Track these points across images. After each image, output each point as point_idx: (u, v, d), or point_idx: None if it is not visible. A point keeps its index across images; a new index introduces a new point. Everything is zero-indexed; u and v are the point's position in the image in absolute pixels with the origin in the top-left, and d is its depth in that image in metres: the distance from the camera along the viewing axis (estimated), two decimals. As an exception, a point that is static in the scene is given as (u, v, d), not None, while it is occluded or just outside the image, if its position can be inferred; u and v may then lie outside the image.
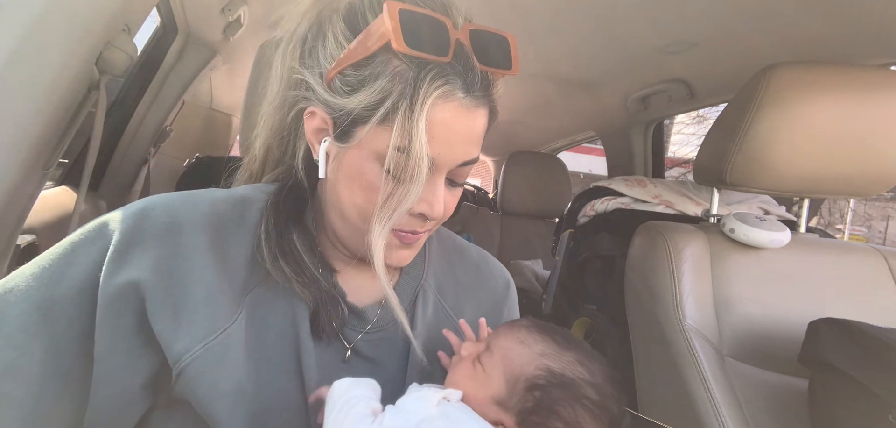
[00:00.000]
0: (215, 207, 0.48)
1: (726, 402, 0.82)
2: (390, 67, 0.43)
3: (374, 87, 0.43)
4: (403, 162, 0.43)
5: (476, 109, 0.46)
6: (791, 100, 0.85)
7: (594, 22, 1.17)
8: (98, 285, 0.41)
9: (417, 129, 0.42)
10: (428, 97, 0.42)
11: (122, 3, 0.65)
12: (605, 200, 1.33)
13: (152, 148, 1.55)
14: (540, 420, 0.43)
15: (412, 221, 0.48)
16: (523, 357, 0.46)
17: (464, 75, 0.44)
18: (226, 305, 0.44)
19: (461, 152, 0.46)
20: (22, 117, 0.59)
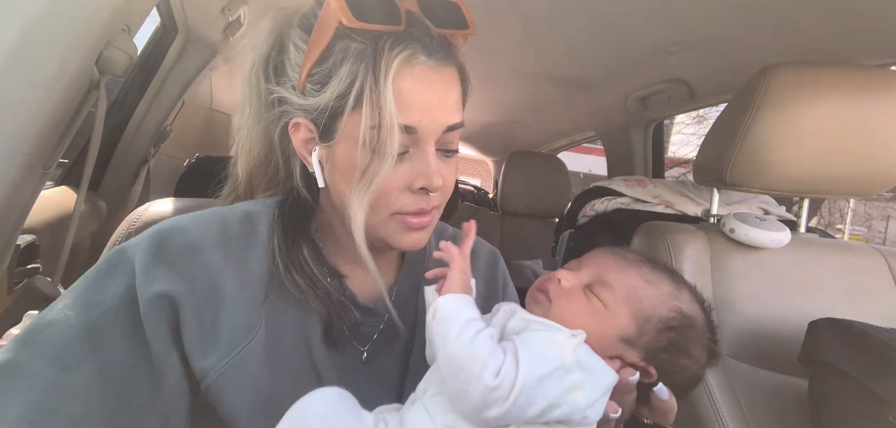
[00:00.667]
0: (225, 226, 0.49)
1: (726, 402, 0.82)
2: (350, 52, 0.44)
3: (339, 74, 0.44)
4: (376, 136, 0.43)
5: (443, 69, 0.47)
6: (791, 100, 0.85)
7: (594, 22, 1.17)
8: (134, 302, 0.42)
9: (385, 99, 0.42)
10: (390, 66, 0.43)
11: (122, 3, 0.65)
12: (605, 200, 1.33)
13: (152, 148, 1.55)
14: (670, 358, 0.45)
15: (415, 199, 0.48)
16: (654, 297, 0.46)
17: (421, 39, 0.45)
18: (247, 320, 0.45)
19: (441, 116, 0.47)
20: (22, 117, 0.59)
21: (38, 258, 0.95)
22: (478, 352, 0.39)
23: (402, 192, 0.47)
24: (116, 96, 1.37)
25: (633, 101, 1.66)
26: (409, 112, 0.44)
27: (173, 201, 0.87)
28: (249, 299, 0.46)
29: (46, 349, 0.40)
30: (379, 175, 0.45)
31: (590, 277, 0.48)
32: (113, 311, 0.42)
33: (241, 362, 0.44)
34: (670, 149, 7.08)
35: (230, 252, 0.47)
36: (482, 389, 0.38)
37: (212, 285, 0.45)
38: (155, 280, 0.43)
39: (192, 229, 0.47)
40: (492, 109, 2.20)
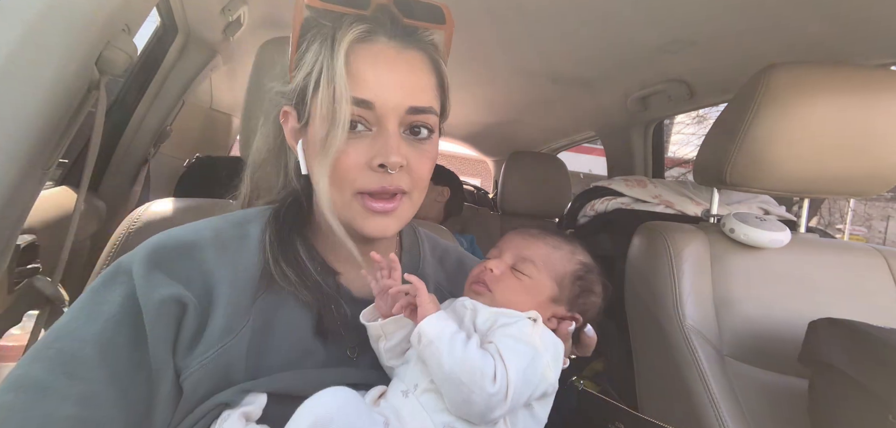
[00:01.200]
0: (217, 230, 0.52)
1: (726, 402, 0.82)
2: (318, 35, 0.48)
3: (308, 56, 0.48)
4: (331, 106, 0.46)
5: (405, 51, 0.49)
6: (791, 100, 0.85)
7: (594, 21, 1.17)
8: (134, 310, 0.44)
9: (336, 71, 0.45)
10: (343, 40, 0.46)
11: (122, 3, 0.65)
12: (605, 200, 1.33)
13: (152, 148, 1.55)
14: (584, 300, 0.55)
15: (375, 177, 0.49)
16: (562, 259, 0.55)
17: (386, 25, 0.48)
18: (229, 322, 0.47)
19: (402, 95, 0.48)
20: (22, 117, 0.59)
21: (38, 258, 0.95)
22: (473, 364, 0.42)
23: (362, 169, 0.48)
24: (116, 96, 1.37)
25: (633, 101, 1.66)
26: (364, 87, 0.47)
27: (173, 201, 0.87)
28: (237, 301, 0.48)
29: (59, 363, 0.41)
30: (333, 144, 0.46)
31: (512, 258, 0.55)
32: (115, 320, 0.43)
33: (215, 362, 0.45)
34: (670, 149, 7.07)
35: (223, 253, 0.49)
36: (485, 397, 0.42)
37: (207, 286, 0.47)
38: (157, 285, 0.44)
39: (185, 234, 0.50)
40: (492, 109, 2.20)
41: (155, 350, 0.44)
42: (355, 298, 0.55)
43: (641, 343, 1.01)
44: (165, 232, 0.50)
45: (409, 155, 0.50)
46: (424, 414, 0.44)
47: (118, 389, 0.42)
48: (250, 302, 0.49)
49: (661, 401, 0.93)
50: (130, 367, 0.43)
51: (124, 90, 1.38)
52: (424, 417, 0.44)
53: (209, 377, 0.45)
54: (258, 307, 0.49)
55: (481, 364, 0.42)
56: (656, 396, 0.95)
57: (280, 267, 0.50)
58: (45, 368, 0.41)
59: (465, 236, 1.94)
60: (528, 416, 0.47)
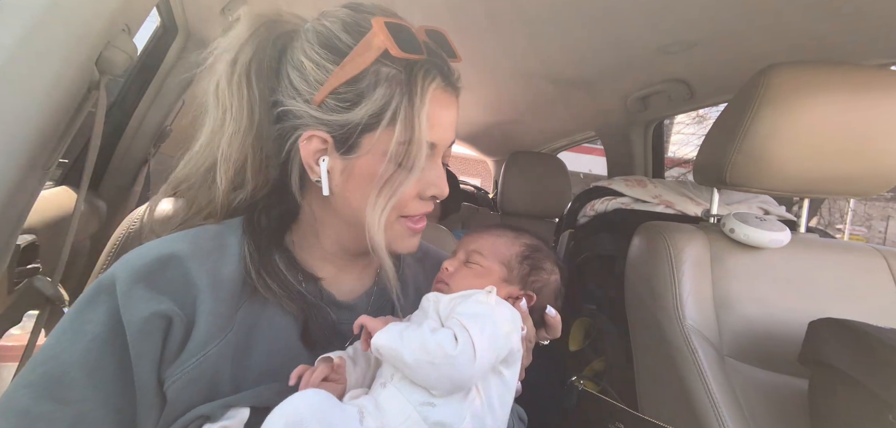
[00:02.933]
0: (194, 240, 0.51)
1: (726, 402, 0.82)
2: (383, 76, 0.48)
3: (374, 96, 0.48)
4: (404, 151, 0.48)
5: (455, 94, 0.53)
6: (791, 100, 0.85)
7: (594, 22, 1.17)
8: (118, 328, 0.44)
9: (420, 119, 0.48)
10: (426, 92, 0.48)
11: (122, 3, 0.65)
12: (605, 200, 1.33)
13: (152, 148, 1.55)
14: (535, 278, 0.59)
15: (422, 205, 0.54)
16: (505, 245, 0.60)
17: (441, 67, 0.51)
18: (208, 332, 0.47)
19: (451, 134, 0.54)
20: (22, 117, 0.59)
21: (38, 258, 0.95)
22: (429, 342, 0.45)
23: (415, 200, 0.53)
24: (116, 96, 1.36)
25: (633, 101, 1.66)
26: (433, 130, 0.50)
27: (173, 201, 0.87)
28: (218, 310, 0.48)
29: (44, 388, 0.42)
30: (404, 185, 0.49)
31: (464, 255, 0.60)
32: (101, 339, 0.44)
33: (197, 370, 0.46)
34: (670, 149, 7.07)
35: (203, 263, 0.49)
36: (453, 363, 0.44)
37: (191, 296, 0.47)
38: (140, 302, 0.45)
39: (163, 247, 0.49)
40: (492, 109, 2.20)
41: (138, 367, 0.44)
42: (339, 302, 0.56)
43: (641, 343, 1.01)
44: (143, 246, 0.50)
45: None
46: (401, 397, 0.45)
47: (108, 408, 0.43)
48: (233, 310, 0.49)
49: (661, 401, 0.93)
50: (118, 384, 0.44)
51: (124, 90, 1.37)
52: (401, 399, 0.45)
53: (192, 385, 0.45)
54: (242, 315, 0.50)
55: (439, 338, 0.45)
56: (656, 396, 0.95)
57: (262, 278, 0.51)
58: (30, 394, 0.41)
59: (465, 236, 1.94)
60: (499, 383, 0.49)
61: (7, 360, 1.03)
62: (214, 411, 0.45)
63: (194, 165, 0.56)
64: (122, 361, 0.44)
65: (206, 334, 0.47)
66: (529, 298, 0.58)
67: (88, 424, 0.42)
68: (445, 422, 0.44)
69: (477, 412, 0.46)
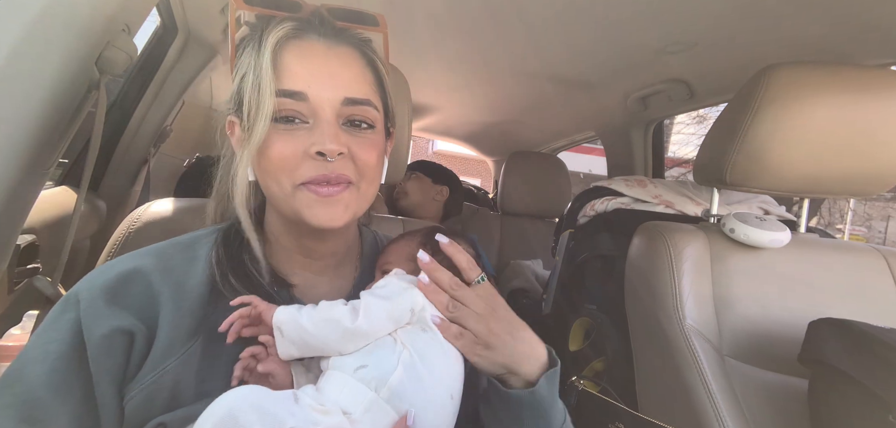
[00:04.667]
0: (163, 255, 0.52)
1: (726, 402, 0.82)
2: (252, 42, 0.50)
3: (242, 61, 0.50)
4: (257, 97, 0.48)
5: (336, 47, 0.52)
6: (791, 100, 0.85)
7: (594, 22, 1.17)
8: (81, 343, 0.45)
9: (262, 62, 0.48)
10: (268, 36, 0.48)
11: (122, 3, 0.65)
12: (605, 200, 1.33)
13: (152, 148, 1.55)
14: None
15: (315, 165, 0.50)
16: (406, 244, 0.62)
17: (316, 25, 0.51)
18: (168, 346, 0.48)
19: (335, 87, 0.50)
20: (22, 117, 0.59)
21: (38, 258, 0.95)
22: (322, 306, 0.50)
23: (300, 158, 0.50)
24: (116, 96, 1.37)
25: (633, 101, 1.66)
26: (295, 79, 0.49)
27: (173, 201, 0.87)
28: (181, 323, 0.49)
29: (15, 411, 0.42)
30: (258, 132, 0.48)
31: (379, 272, 0.61)
32: (64, 357, 0.44)
33: (156, 384, 0.46)
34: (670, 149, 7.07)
35: (167, 276, 0.50)
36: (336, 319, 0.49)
37: (154, 311, 0.48)
38: (101, 318, 0.45)
39: (126, 263, 0.50)
40: (492, 109, 2.20)
41: (100, 384, 0.45)
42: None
43: (641, 343, 1.01)
44: (108, 263, 0.51)
45: (349, 143, 0.51)
46: (338, 373, 0.48)
47: (78, 424, 0.44)
48: (199, 319, 0.50)
49: (661, 401, 0.93)
50: (84, 402, 0.45)
51: (124, 90, 1.38)
52: (338, 374, 0.47)
53: (150, 400, 0.45)
54: (210, 324, 0.50)
55: (330, 304, 0.50)
56: (656, 396, 0.95)
57: (229, 282, 0.51)
58: (4, 418, 0.42)
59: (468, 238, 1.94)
60: (425, 338, 0.51)
61: (7, 360, 1.03)
62: (173, 421, 0.44)
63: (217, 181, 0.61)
64: (87, 377, 0.45)
65: (166, 347, 0.47)
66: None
67: None
68: (380, 376, 0.47)
69: (407, 362, 0.48)
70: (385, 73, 0.58)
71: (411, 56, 1.51)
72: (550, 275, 1.63)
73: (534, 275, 1.97)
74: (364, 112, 0.53)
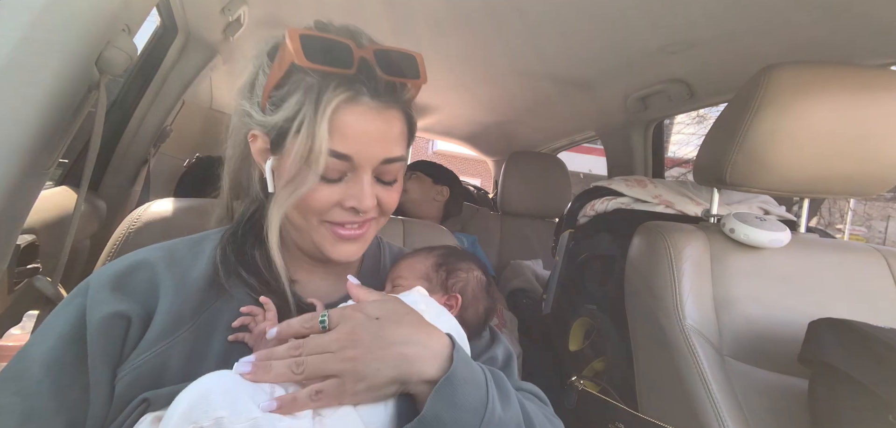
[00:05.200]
0: (171, 249, 0.57)
1: (726, 402, 0.82)
2: (302, 84, 0.51)
3: (291, 102, 0.52)
4: (307, 154, 0.50)
5: (385, 111, 0.53)
6: (791, 100, 0.85)
7: (594, 22, 1.17)
8: (82, 330, 0.48)
9: (320, 130, 0.50)
10: (331, 101, 0.50)
11: (122, 3, 0.65)
12: (605, 200, 1.33)
13: (152, 148, 1.55)
14: (454, 280, 0.63)
15: (344, 214, 0.55)
16: (420, 259, 0.65)
17: (368, 83, 0.52)
18: (171, 325, 0.51)
19: (378, 150, 0.54)
20: (22, 117, 0.59)
21: (38, 258, 0.95)
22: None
23: (334, 207, 0.55)
24: (116, 96, 1.37)
25: (633, 101, 1.66)
26: (345, 142, 0.51)
27: (173, 201, 0.87)
28: (178, 309, 0.52)
29: (10, 382, 0.47)
30: (302, 188, 0.52)
31: (390, 285, 0.64)
32: (65, 338, 0.48)
33: (146, 366, 0.49)
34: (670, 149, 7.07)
35: (171, 266, 0.54)
36: None
37: (153, 298, 0.52)
38: (103, 303, 0.49)
39: (138, 255, 0.55)
40: (492, 109, 2.20)
41: (93, 362, 0.48)
42: (306, 305, 0.59)
43: (641, 343, 1.01)
44: (124, 255, 0.55)
45: (379, 193, 0.57)
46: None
47: (59, 400, 0.47)
48: (194, 311, 0.53)
49: (661, 401, 0.93)
50: (73, 379, 0.48)
51: (124, 90, 1.37)
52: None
53: (140, 380, 0.48)
54: (207, 316, 0.53)
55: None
56: (656, 396, 0.95)
57: (230, 276, 0.55)
58: (1, 387, 0.46)
59: (468, 237, 1.93)
60: None
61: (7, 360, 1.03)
62: (157, 399, 0.46)
63: (225, 180, 0.64)
64: (81, 357, 0.48)
65: (160, 331, 0.50)
66: (456, 299, 0.62)
67: (38, 414, 0.46)
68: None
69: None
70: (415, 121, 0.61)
71: (411, 56, 1.50)
72: (550, 275, 1.63)
73: (534, 275, 1.97)
74: (396, 169, 0.57)
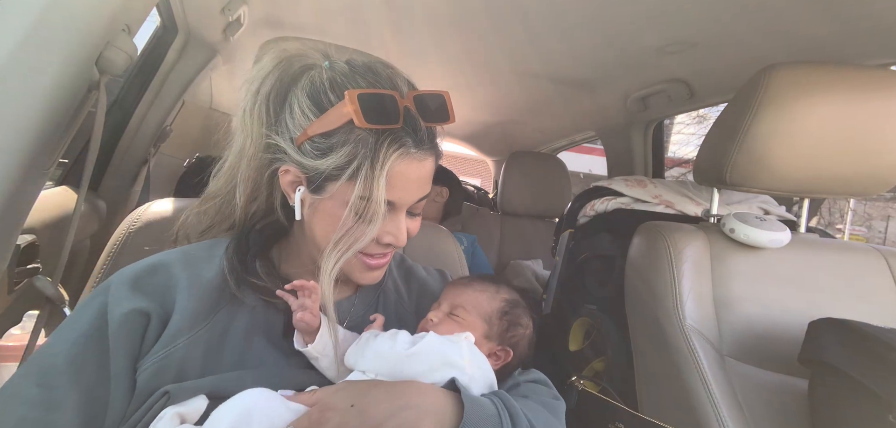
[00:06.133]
0: (187, 252, 0.60)
1: (726, 402, 0.82)
2: (353, 136, 0.53)
3: (341, 152, 0.54)
4: (363, 206, 0.53)
5: (423, 160, 0.57)
6: (791, 100, 0.85)
7: (594, 22, 1.17)
8: (104, 327, 0.51)
9: (378, 184, 0.53)
10: (387, 159, 0.53)
11: (122, 3, 0.65)
12: (605, 200, 1.33)
13: (152, 148, 1.54)
14: (512, 333, 0.63)
15: (379, 249, 0.60)
16: (487, 299, 0.64)
17: (413, 134, 0.55)
18: (188, 322, 0.54)
19: (416, 193, 0.58)
20: (22, 117, 0.59)
21: (38, 258, 0.95)
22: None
23: (371, 242, 0.57)
24: (116, 96, 1.36)
25: (633, 101, 1.66)
26: (392, 190, 0.55)
27: (173, 201, 0.87)
28: (194, 308, 0.55)
29: (34, 375, 0.49)
30: (361, 239, 0.55)
31: (448, 307, 0.63)
32: (86, 334, 0.51)
33: (166, 359, 0.52)
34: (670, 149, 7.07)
35: (187, 267, 0.58)
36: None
37: (170, 296, 0.55)
38: (124, 300, 0.52)
39: (156, 257, 0.58)
40: (492, 109, 2.20)
41: (115, 357, 0.51)
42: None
43: (641, 343, 1.01)
44: (144, 260, 0.58)
45: (409, 225, 0.61)
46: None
47: (82, 392, 0.49)
48: (210, 310, 0.56)
49: (661, 401, 0.93)
50: (95, 373, 0.50)
51: (124, 90, 1.37)
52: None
53: (161, 373, 0.51)
54: (221, 316, 0.56)
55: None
56: (656, 396, 0.95)
57: (239, 283, 0.58)
58: (23, 381, 0.49)
59: (468, 236, 1.93)
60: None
61: (7, 360, 1.03)
62: (178, 392, 0.49)
63: (223, 183, 0.64)
64: (103, 352, 0.51)
65: (177, 328, 0.53)
66: (506, 353, 0.62)
67: (60, 405, 0.48)
68: None
69: None
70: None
71: (411, 56, 1.51)
72: (550, 275, 1.63)
73: (534, 275, 1.97)
74: (423, 204, 0.62)
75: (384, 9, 1.21)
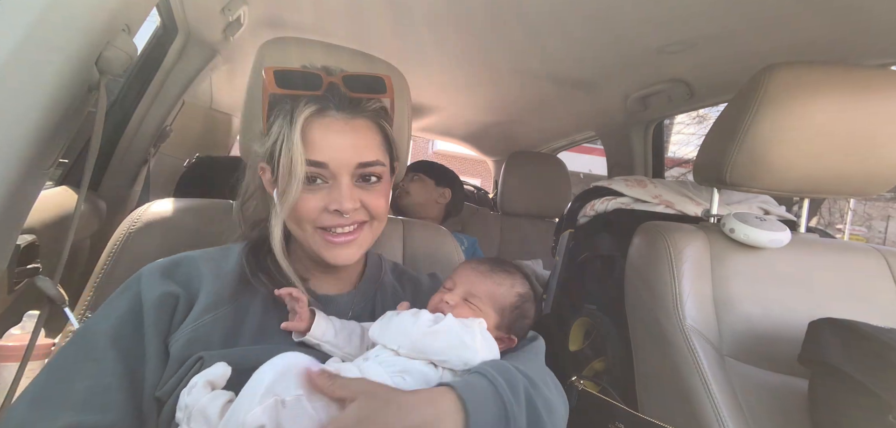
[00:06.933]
0: (206, 252, 0.67)
1: (726, 402, 0.82)
2: (282, 111, 0.62)
3: (274, 127, 0.62)
4: (288, 165, 0.59)
5: (352, 120, 0.63)
6: (791, 100, 0.85)
7: (594, 22, 1.17)
8: (138, 309, 0.58)
9: (293, 141, 0.59)
10: (299, 117, 0.59)
11: (122, 3, 0.65)
12: (605, 200, 1.33)
13: (152, 148, 1.55)
14: (519, 324, 0.67)
15: (331, 218, 0.63)
16: (503, 293, 0.67)
17: (334, 100, 0.62)
18: (213, 303, 0.60)
19: (351, 155, 0.62)
20: (22, 117, 0.59)
21: (38, 258, 0.95)
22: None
23: (320, 212, 0.62)
24: (116, 96, 1.37)
25: (633, 101, 1.66)
26: (318, 151, 0.60)
27: (173, 201, 0.87)
28: (218, 291, 0.61)
29: (80, 349, 0.56)
30: (290, 196, 0.60)
31: (464, 292, 0.66)
32: (122, 317, 0.58)
33: (195, 332, 0.58)
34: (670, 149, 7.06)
35: (209, 262, 0.65)
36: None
37: (196, 283, 0.62)
38: (156, 286, 0.59)
39: (181, 255, 0.65)
40: (492, 109, 2.20)
41: (148, 334, 0.57)
42: (320, 295, 0.69)
43: (641, 343, 1.01)
44: (166, 258, 0.65)
45: (362, 196, 0.64)
46: (380, 368, 0.55)
47: (123, 364, 0.55)
48: (231, 295, 0.62)
49: (661, 401, 0.93)
50: (132, 348, 0.56)
51: (124, 90, 1.38)
52: (379, 369, 0.54)
53: (191, 344, 0.57)
54: (239, 304, 0.62)
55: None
56: (656, 396, 0.95)
57: (255, 273, 0.64)
58: (70, 354, 0.55)
59: (468, 238, 1.93)
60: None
61: (7, 360, 1.02)
62: (210, 357, 0.55)
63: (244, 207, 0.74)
64: (138, 331, 0.57)
65: (203, 308, 0.60)
66: (511, 341, 0.67)
67: (110, 374, 0.54)
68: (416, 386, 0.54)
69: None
70: (390, 130, 0.69)
71: (411, 56, 1.51)
72: (550, 275, 1.63)
73: (534, 275, 1.97)
74: (373, 170, 0.65)
75: (384, 9, 1.21)
